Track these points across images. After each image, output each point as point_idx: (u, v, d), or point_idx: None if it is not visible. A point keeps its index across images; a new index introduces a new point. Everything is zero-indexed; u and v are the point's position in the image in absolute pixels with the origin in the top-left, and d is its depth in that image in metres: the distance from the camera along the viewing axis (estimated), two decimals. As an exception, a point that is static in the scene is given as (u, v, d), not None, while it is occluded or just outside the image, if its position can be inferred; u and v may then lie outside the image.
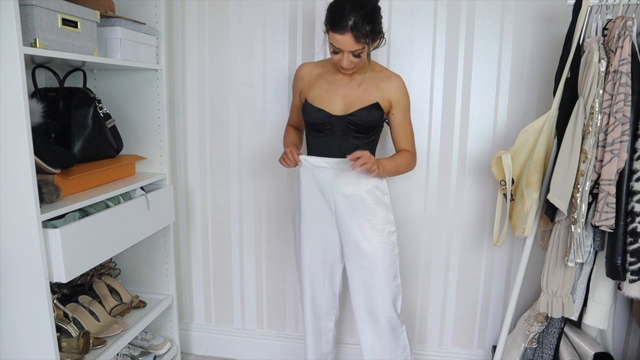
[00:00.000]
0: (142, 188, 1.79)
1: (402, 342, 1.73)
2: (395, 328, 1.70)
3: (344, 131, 1.57)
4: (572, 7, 1.54)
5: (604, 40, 1.50)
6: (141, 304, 1.94)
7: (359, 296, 1.68)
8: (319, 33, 1.92)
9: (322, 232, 1.68)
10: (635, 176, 1.44)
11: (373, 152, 1.63)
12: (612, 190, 1.44)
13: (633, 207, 1.44)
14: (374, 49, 1.52)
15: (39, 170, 1.32)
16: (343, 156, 1.56)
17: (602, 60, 1.44)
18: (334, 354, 1.93)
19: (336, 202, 1.62)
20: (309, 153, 1.66)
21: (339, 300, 1.81)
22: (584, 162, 1.48)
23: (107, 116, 1.76)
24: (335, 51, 1.47)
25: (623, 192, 1.45)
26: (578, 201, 1.49)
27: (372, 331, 1.70)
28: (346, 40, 1.41)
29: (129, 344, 1.95)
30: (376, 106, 1.55)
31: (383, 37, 1.51)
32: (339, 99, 1.58)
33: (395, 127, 1.63)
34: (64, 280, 1.34)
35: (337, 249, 1.70)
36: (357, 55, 1.46)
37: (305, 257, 1.73)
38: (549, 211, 1.58)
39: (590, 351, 1.71)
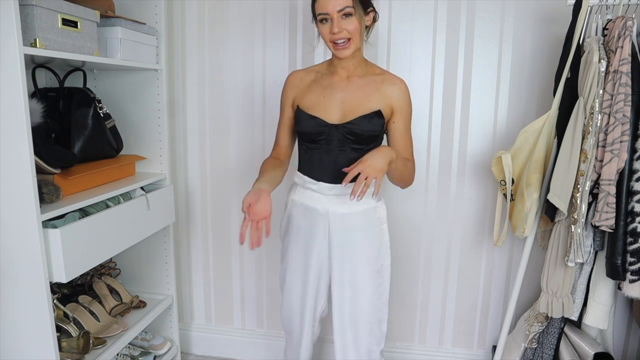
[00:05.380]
0: (142, 188, 1.79)
1: None
2: None
3: (341, 142, 1.41)
4: (572, 7, 1.54)
5: (604, 40, 1.50)
6: (141, 304, 1.94)
7: (340, 333, 1.53)
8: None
9: (310, 264, 1.52)
10: (635, 176, 1.44)
11: None
12: (612, 190, 1.43)
13: (633, 207, 1.44)
14: (367, 28, 1.40)
15: (39, 170, 1.32)
16: (338, 175, 1.39)
17: (602, 60, 1.44)
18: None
19: (331, 230, 1.47)
20: (301, 168, 1.52)
21: (319, 324, 1.65)
22: (584, 162, 1.48)
23: (107, 116, 1.76)
24: (323, 20, 1.33)
25: (623, 192, 1.45)
26: (578, 201, 1.49)
27: None
28: None
29: (129, 344, 1.95)
30: (378, 114, 1.39)
31: (374, 9, 1.39)
32: (336, 105, 1.42)
33: (395, 137, 1.46)
34: (64, 280, 1.34)
35: (325, 279, 1.54)
36: (348, 15, 1.30)
37: (290, 288, 1.58)
38: (549, 211, 1.58)
39: (590, 351, 1.71)
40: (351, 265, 1.49)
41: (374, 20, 1.42)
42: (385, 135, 1.50)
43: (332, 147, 1.42)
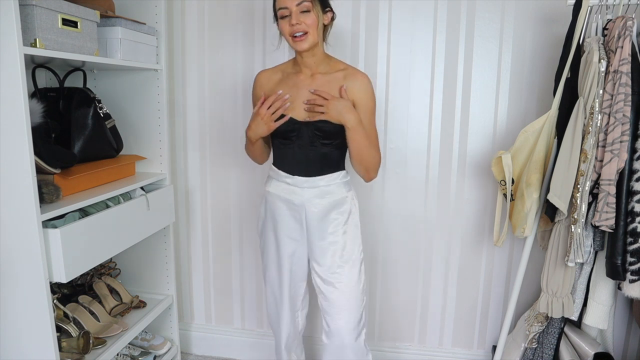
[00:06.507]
0: (142, 188, 1.79)
1: None
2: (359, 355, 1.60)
3: (311, 138, 1.48)
4: (572, 7, 1.54)
5: (604, 40, 1.50)
6: (141, 304, 1.94)
7: (325, 324, 1.61)
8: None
9: (286, 254, 1.60)
10: (635, 176, 1.44)
11: (343, 157, 1.56)
12: (612, 190, 1.44)
13: (633, 207, 1.44)
14: (325, 27, 1.47)
15: (39, 170, 1.32)
16: (311, 168, 1.51)
17: (602, 60, 1.44)
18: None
19: (308, 219, 1.54)
20: (275, 163, 1.59)
21: (302, 314, 1.72)
22: (584, 162, 1.48)
23: (107, 116, 1.76)
24: (283, 16, 1.40)
25: (623, 192, 1.45)
26: (578, 201, 1.49)
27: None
28: None
29: (129, 344, 1.95)
30: None
31: (332, 10, 1.46)
32: (303, 104, 1.49)
33: None
34: (64, 280, 1.34)
35: (304, 269, 1.63)
36: (306, 11, 1.38)
37: (271, 278, 1.66)
38: (549, 211, 1.58)
39: (590, 351, 1.71)
40: (327, 256, 1.54)
41: (332, 19, 1.48)
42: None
43: (303, 142, 1.49)
